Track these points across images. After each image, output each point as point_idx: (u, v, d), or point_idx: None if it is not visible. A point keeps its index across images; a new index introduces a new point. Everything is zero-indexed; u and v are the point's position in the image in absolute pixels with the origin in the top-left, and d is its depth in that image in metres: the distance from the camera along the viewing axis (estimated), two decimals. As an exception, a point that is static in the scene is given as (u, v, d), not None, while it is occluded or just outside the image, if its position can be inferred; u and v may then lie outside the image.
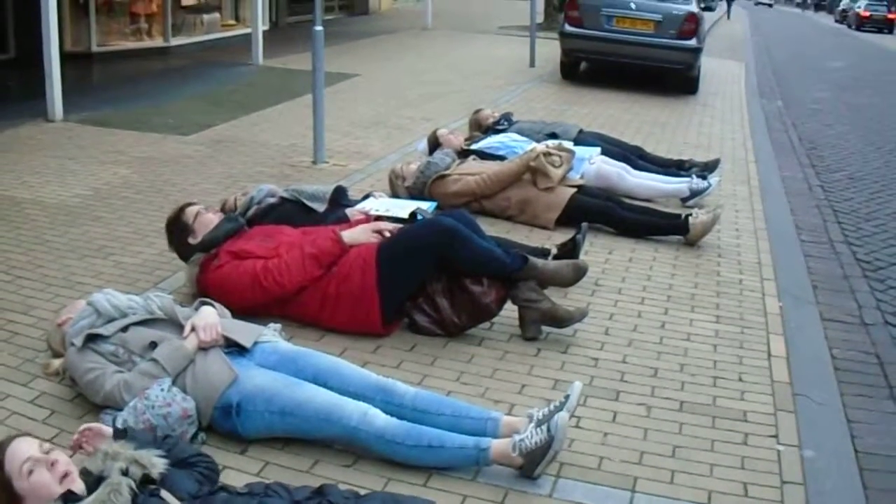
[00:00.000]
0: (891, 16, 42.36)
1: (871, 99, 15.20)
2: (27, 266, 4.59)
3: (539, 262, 4.07)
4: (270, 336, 3.41)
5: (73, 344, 3.20)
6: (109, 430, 2.65)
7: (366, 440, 2.96)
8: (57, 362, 3.39)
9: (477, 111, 7.38)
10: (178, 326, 3.29)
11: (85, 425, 2.69)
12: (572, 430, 3.16)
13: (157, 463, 2.41)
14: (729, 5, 44.11)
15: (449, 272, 3.95)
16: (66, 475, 2.33)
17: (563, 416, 2.94)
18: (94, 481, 2.35)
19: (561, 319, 4.00)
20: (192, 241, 4.19)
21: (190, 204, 4.33)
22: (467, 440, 2.95)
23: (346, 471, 2.96)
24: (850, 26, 43.54)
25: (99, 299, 3.33)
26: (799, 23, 45.81)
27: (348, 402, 2.99)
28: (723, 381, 3.81)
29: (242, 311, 3.70)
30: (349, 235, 4.03)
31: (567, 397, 3.07)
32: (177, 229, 4.23)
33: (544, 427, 2.91)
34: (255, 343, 3.31)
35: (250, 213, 4.96)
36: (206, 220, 4.20)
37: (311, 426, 3.00)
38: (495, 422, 3.06)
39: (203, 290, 3.98)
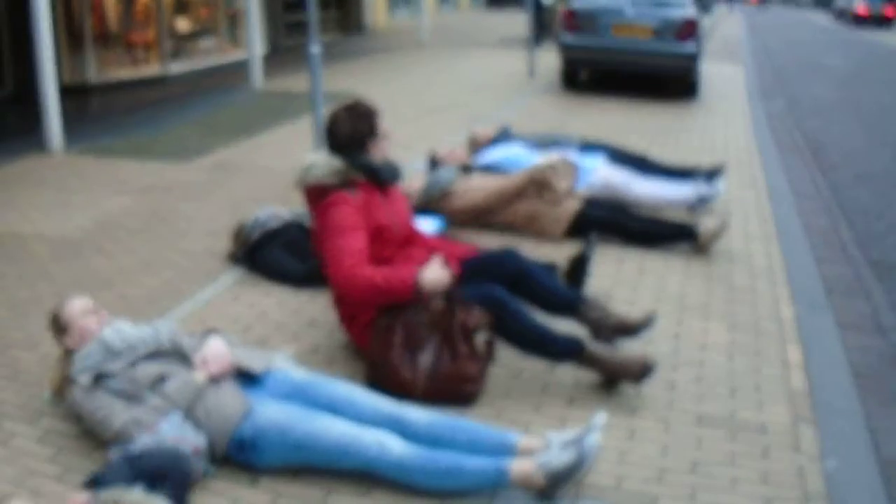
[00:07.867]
0: (888, 11, 42.27)
1: (873, 95, 15.15)
2: (31, 301, 4.55)
3: (597, 351, 3.64)
4: (282, 363, 3.36)
5: (78, 381, 3.15)
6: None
7: (384, 469, 2.92)
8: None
9: (471, 134, 7.31)
10: (185, 358, 3.24)
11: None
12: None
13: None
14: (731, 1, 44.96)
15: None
16: None
17: (595, 436, 2.88)
18: None
19: (633, 328, 3.94)
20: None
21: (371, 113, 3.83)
22: (486, 462, 2.91)
23: (361, 500, 2.90)
24: (847, 23, 43.49)
25: (111, 337, 3.27)
26: (795, 21, 45.77)
27: (364, 433, 2.95)
28: (740, 392, 3.75)
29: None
30: (426, 279, 3.50)
31: (589, 429, 2.97)
32: (360, 118, 3.82)
33: (573, 448, 2.86)
34: (267, 371, 3.27)
35: (258, 235, 4.94)
36: (382, 145, 3.85)
37: (327, 458, 2.96)
38: (512, 445, 3.00)
39: (311, 208, 3.93)
